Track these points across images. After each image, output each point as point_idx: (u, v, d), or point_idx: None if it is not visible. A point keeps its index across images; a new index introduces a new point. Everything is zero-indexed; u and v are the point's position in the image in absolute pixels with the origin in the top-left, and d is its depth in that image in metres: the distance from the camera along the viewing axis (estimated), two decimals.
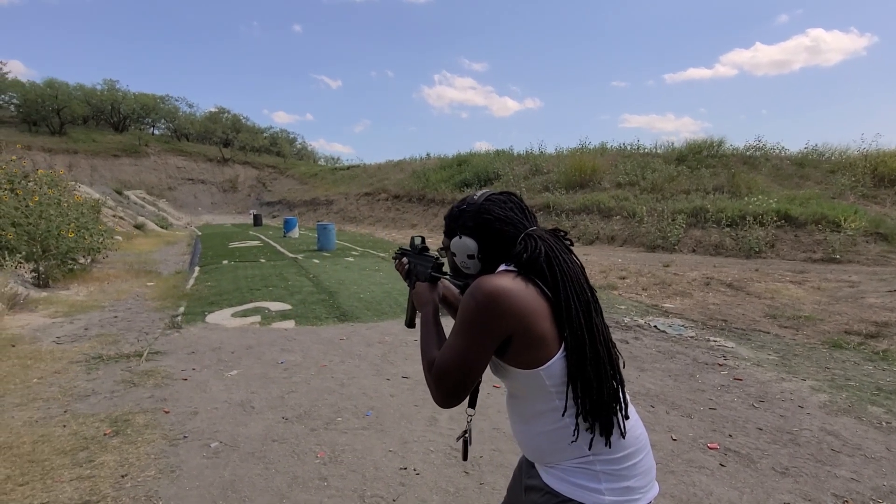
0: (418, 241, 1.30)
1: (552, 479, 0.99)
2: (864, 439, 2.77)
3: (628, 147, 19.29)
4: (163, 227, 21.43)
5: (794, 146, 28.49)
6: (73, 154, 30.50)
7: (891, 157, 12.94)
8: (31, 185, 8.06)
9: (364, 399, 3.37)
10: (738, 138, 54.29)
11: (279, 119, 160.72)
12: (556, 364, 0.93)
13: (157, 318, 5.52)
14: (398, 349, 4.48)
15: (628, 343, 4.62)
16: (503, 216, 1.02)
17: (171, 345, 4.55)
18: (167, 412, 3.12)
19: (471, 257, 1.06)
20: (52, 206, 7.55)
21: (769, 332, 4.97)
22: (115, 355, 4.19)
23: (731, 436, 2.83)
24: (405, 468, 2.50)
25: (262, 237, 16.68)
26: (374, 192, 25.58)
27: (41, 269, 7.15)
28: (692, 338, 4.81)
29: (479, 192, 1.09)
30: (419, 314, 1.20)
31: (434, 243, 1.20)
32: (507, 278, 0.94)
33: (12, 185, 7.71)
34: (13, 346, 4.43)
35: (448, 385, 0.97)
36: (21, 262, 6.92)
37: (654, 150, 18.03)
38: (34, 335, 4.78)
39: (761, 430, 2.90)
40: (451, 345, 0.96)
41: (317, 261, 10.46)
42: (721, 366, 4.01)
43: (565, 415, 0.95)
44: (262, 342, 4.68)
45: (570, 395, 0.94)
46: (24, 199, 7.35)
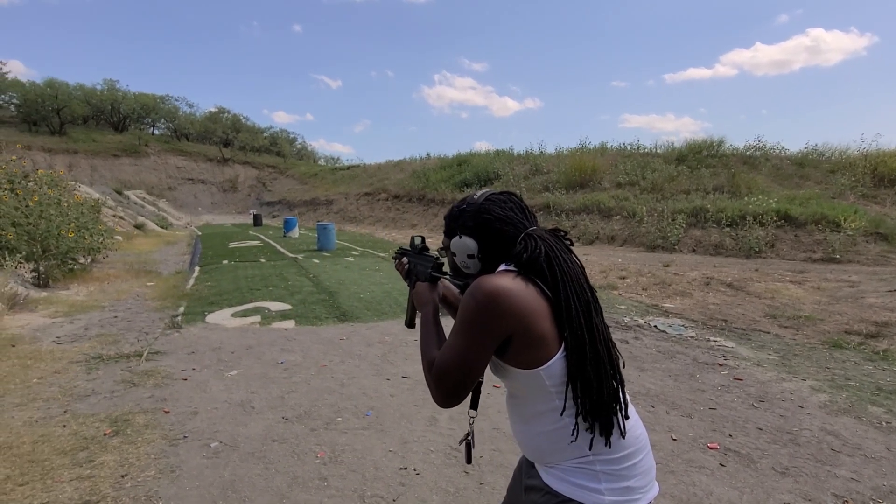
0: (418, 241, 1.29)
1: (552, 479, 0.98)
2: (864, 439, 2.77)
3: (628, 147, 19.31)
4: (163, 227, 21.43)
5: (794, 146, 28.53)
6: (73, 154, 30.51)
7: (891, 157, 12.95)
8: (31, 185, 8.06)
9: (364, 399, 3.37)
10: (738, 138, 54.37)
11: (279, 119, 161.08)
12: (556, 364, 0.93)
13: (157, 318, 5.53)
14: (398, 349, 4.48)
15: (628, 343, 4.62)
16: (503, 216, 1.02)
17: (171, 345, 4.55)
18: (167, 412, 3.12)
19: (471, 257, 1.06)
20: (52, 206, 7.56)
21: (769, 332, 4.97)
22: (115, 355, 4.20)
23: (731, 436, 2.83)
24: (405, 468, 2.50)
25: (262, 237, 16.67)
26: (374, 192, 25.59)
27: (41, 269, 7.15)
28: (692, 338, 4.81)
29: (479, 192, 1.08)
30: (419, 314, 1.20)
31: (434, 243, 1.20)
32: (508, 278, 0.94)
33: (12, 185, 7.70)
34: (13, 346, 4.43)
35: (448, 385, 0.97)
36: (21, 262, 6.92)
37: (654, 150, 18.05)
38: (34, 335, 4.79)
39: (761, 429, 2.90)
40: (451, 345, 0.96)
41: (317, 261, 10.46)
42: (721, 366, 4.01)
43: (564, 414, 0.95)
44: (262, 342, 4.68)
45: (570, 394, 0.94)
46: (24, 199, 7.35)
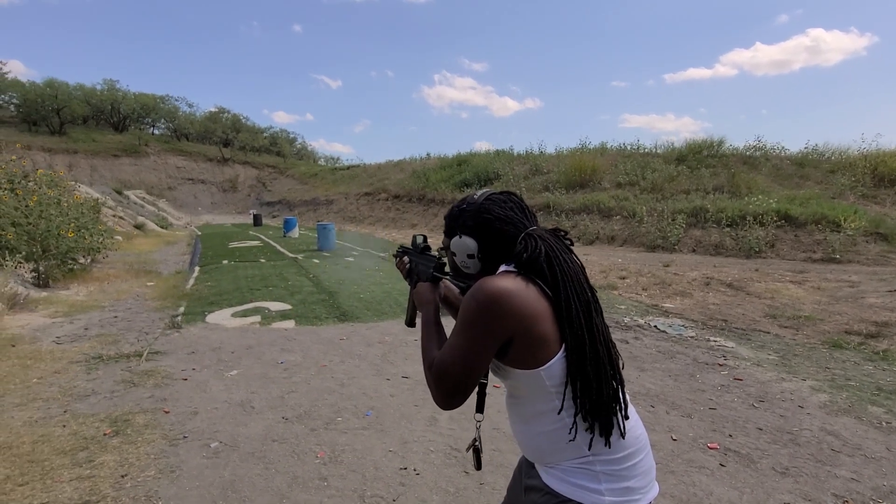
0: (420, 241, 1.29)
1: (552, 479, 0.98)
2: (864, 439, 2.77)
3: (628, 147, 19.31)
4: (163, 227, 21.43)
5: (794, 146, 28.52)
6: (73, 154, 30.50)
7: (891, 157, 12.94)
8: (30, 184, 8.06)
9: (364, 399, 3.37)
10: (738, 138, 54.34)
11: (279, 119, 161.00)
12: (557, 364, 0.93)
13: (157, 318, 5.53)
14: (398, 349, 4.48)
15: (628, 343, 4.62)
16: (503, 216, 1.02)
17: (171, 345, 4.55)
18: (167, 412, 3.11)
19: (471, 257, 1.05)
20: (52, 205, 7.56)
21: (769, 332, 4.97)
22: (115, 355, 4.20)
23: (731, 436, 2.83)
24: (405, 468, 2.50)
25: (262, 237, 16.68)
26: (374, 191, 25.59)
27: (41, 268, 7.15)
28: (692, 338, 4.81)
29: (479, 192, 1.08)
30: (420, 314, 1.20)
31: (434, 243, 1.20)
32: (509, 279, 0.94)
33: (12, 184, 7.71)
34: (13, 346, 4.43)
35: (448, 385, 0.96)
36: (21, 262, 6.92)
37: (654, 150, 18.05)
38: (34, 335, 4.78)
39: (761, 430, 2.90)
40: (452, 345, 0.96)
41: (317, 261, 10.46)
42: (721, 366, 4.01)
43: (562, 413, 0.95)
44: (262, 342, 4.68)
45: (570, 394, 0.94)
46: (24, 198, 7.35)
